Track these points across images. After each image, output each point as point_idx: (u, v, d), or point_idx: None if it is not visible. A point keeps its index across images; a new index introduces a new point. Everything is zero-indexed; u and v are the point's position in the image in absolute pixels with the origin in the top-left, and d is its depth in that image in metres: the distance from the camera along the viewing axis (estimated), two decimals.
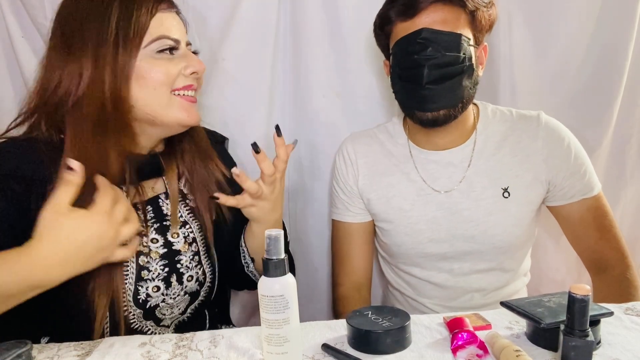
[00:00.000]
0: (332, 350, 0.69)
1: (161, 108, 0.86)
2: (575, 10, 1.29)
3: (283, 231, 0.65)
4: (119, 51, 0.82)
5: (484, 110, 1.14)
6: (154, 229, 0.90)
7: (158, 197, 0.94)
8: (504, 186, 1.08)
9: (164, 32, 0.85)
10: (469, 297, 1.12)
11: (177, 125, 0.89)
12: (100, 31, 0.82)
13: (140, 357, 0.70)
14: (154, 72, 0.84)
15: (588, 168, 1.10)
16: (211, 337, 0.75)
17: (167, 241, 0.91)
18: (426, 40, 0.97)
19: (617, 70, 1.30)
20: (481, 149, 1.10)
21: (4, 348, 0.64)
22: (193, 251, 0.94)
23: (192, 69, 0.88)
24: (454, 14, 0.99)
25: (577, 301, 0.60)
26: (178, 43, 0.87)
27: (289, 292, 0.63)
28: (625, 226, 1.42)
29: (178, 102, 0.87)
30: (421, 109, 1.01)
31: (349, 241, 1.19)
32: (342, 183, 1.19)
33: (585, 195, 1.08)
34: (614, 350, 0.67)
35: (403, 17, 1.00)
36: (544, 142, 1.08)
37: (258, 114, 1.33)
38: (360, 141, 1.19)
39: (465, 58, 0.99)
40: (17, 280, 0.68)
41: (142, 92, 0.84)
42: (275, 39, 1.30)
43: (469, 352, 0.66)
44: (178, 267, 0.91)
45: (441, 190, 1.10)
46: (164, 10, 0.87)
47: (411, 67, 0.99)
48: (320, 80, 1.33)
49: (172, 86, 0.86)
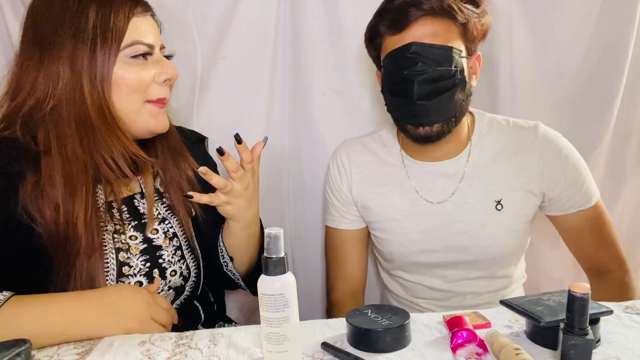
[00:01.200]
0: (332, 349, 0.69)
1: (132, 113, 0.87)
2: (575, 10, 1.29)
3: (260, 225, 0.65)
4: (96, 56, 0.82)
5: (480, 120, 1.12)
6: (131, 226, 0.90)
7: (133, 197, 0.94)
8: (497, 198, 1.07)
9: (138, 37, 0.85)
10: (461, 299, 1.13)
11: (145, 131, 0.90)
12: (76, 35, 0.81)
13: (140, 356, 0.70)
14: (127, 79, 0.84)
15: (586, 179, 1.08)
16: (211, 335, 0.75)
17: (146, 238, 0.91)
18: (416, 55, 0.95)
19: (617, 70, 1.30)
20: (475, 161, 1.08)
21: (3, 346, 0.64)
22: (175, 246, 0.94)
23: (165, 76, 0.88)
24: (444, 27, 0.96)
25: (576, 299, 0.59)
26: (152, 48, 0.87)
27: (288, 291, 0.63)
28: (625, 225, 1.43)
29: (148, 109, 0.88)
30: (413, 123, 1.00)
31: (344, 248, 1.19)
32: (336, 191, 1.18)
33: (583, 207, 1.07)
34: (614, 349, 0.67)
35: (392, 31, 0.99)
36: (541, 155, 1.06)
37: (258, 113, 1.33)
38: (354, 149, 1.18)
39: (457, 71, 0.97)
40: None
41: (114, 96, 0.85)
42: (275, 37, 1.30)
43: (469, 350, 0.66)
44: (160, 262, 0.91)
45: (434, 201, 1.09)
46: (140, 14, 0.86)
47: (401, 82, 0.97)
48: (320, 78, 1.33)
49: (145, 94, 0.87)
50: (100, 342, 0.75)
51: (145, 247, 0.90)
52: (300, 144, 1.38)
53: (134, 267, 0.88)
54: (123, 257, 0.87)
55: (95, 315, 0.76)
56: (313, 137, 1.36)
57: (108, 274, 0.85)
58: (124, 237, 0.89)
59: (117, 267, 0.86)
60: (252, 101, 1.32)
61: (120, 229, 0.88)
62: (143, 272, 0.89)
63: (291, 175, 1.40)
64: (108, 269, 0.85)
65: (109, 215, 0.88)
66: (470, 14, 0.98)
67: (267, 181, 1.36)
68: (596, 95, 1.33)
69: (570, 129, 1.34)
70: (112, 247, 0.87)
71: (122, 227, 0.89)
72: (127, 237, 0.89)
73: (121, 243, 0.88)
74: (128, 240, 0.89)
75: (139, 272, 0.89)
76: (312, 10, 1.29)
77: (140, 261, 0.89)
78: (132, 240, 0.90)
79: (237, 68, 1.30)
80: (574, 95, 1.34)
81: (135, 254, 0.89)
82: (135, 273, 0.88)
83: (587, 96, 1.33)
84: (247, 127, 1.33)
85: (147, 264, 0.90)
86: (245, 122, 1.33)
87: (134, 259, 0.88)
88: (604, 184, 1.41)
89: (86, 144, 0.83)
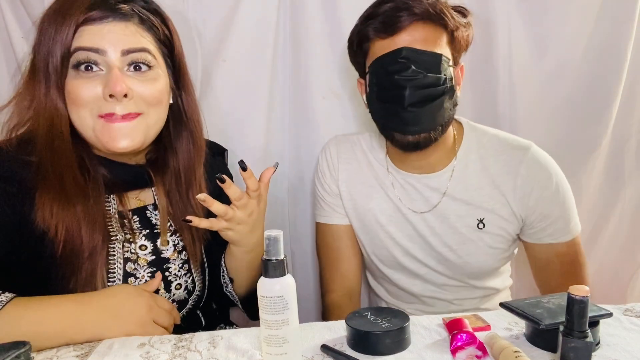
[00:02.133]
0: (331, 351, 0.69)
1: (84, 128, 0.81)
2: (574, 10, 1.29)
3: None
4: (49, 69, 0.79)
5: (469, 133, 1.09)
6: (143, 235, 0.90)
7: (146, 208, 0.92)
8: (479, 217, 1.05)
9: (79, 44, 0.78)
10: (446, 305, 1.13)
11: (104, 149, 0.83)
12: (36, 51, 0.80)
13: (140, 358, 0.70)
14: (72, 93, 0.79)
15: (568, 213, 1.05)
16: (210, 337, 0.75)
17: (156, 249, 0.90)
18: (407, 60, 0.93)
19: (616, 70, 1.31)
20: (459, 178, 1.06)
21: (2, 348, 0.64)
22: (183, 259, 0.93)
23: (108, 91, 0.78)
24: (434, 33, 0.96)
25: (576, 302, 0.60)
26: (100, 53, 0.79)
27: (288, 293, 0.63)
28: (624, 226, 1.43)
29: (100, 125, 0.80)
30: (402, 131, 0.98)
31: (338, 245, 1.17)
32: (326, 185, 1.17)
33: (556, 240, 1.05)
34: (613, 352, 0.67)
35: (382, 35, 0.97)
36: (523, 180, 1.03)
37: (258, 115, 1.33)
38: (344, 146, 1.17)
39: (447, 79, 0.96)
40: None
41: (70, 111, 0.81)
42: (275, 39, 1.30)
43: (468, 353, 0.66)
44: (166, 275, 0.91)
45: (418, 210, 1.08)
46: (94, 22, 0.79)
47: (392, 87, 0.95)
48: (319, 81, 1.33)
49: (95, 109, 0.80)
50: (100, 344, 0.74)
51: (153, 259, 0.90)
52: (300, 146, 1.38)
53: (139, 278, 0.88)
54: (130, 268, 0.87)
55: (95, 318, 0.75)
56: (313, 139, 1.36)
57: (113, 284, 0.85)
58: (133, 247, 0.88)
59: (122, 277, 0.86)
60: (252, 103, 1.32)
61: (130, 237, 0.88)
62: None
63: (291, 177, 1.40)
64: (114, 279, 0.85)
65: (119, 224, 0.87)
66: (460, 22, 0.98)
67: None
68: (595, 97, 1.33)
69: (569, 131, 1.35)
70: (120, 257, 0.86)
71: (133, 236, 0.88)
72: (137, 247, 0.89)
73: (130, 253, 0.87)
74: (137, 250, 0.88)
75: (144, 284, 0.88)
76: (312, 12, 1.29)
77: (146, 273, 0.88)
78: (141, 250, 0.89)
79: (237, 70, 1.30)
80: (573, 97, 1.34)
81: (142, 265, 0.88)
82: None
83: (586, 99, 1.33)
84: (247, 129, 1.33)
85: (153, 276, 0.89)
86: (245, 124, 1.33)
87: (140, 270, 0.88)
88: (602, 187, 1.41)
89: (56, 158, 0.81)
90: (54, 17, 0.79)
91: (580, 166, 1.37)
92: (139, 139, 0.83)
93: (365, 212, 1.12)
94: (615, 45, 1.29)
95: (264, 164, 1.35)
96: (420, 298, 1.14)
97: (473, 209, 1.06)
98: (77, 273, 0.81)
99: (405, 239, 1.10)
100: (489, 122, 1.21)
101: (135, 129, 0.82)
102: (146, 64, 0.82)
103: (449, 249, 1.07)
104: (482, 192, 1.05)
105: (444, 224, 1.07)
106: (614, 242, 1.44)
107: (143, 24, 0.83)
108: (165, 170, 0.93)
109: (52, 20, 0.79)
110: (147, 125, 0.84)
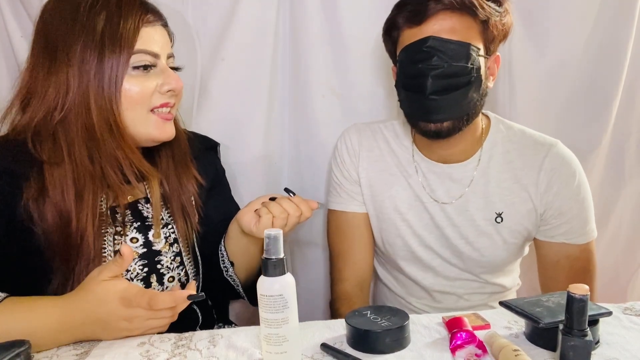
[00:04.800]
0: (331, 350, 0.69)
1: (135, 125, 0.85)
2: (574, 10, 1.29)
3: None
4: (104, 65, 0.80)
5: (496, 126, 1.09)
6: (134, 227, 0.90)
7: (137, 202, 0.93)
8: (498, 211, 1.06)
9: (142, 47, 0.83)
10: (455, 300, 1.13)
11: (149, 141, 0.89)
12: (85, 43, 0.80)
13: (139, 357, 0.70)
14: (129, 90, 0.83)
15: (584, 214, 1.05)
16: (210, 336, 0.75)
17: (148, 241, 0.91)
18: (432, 49, 0.93)
19: (615, 70, 1.30)
20: (483, 170, 1.06)
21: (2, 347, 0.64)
22: (174, 252, 0.94)
23: (168, 86, 0.86)
24: (464, 23, 0.95)
25: (575, 301, 0.60)
26: (157, 57, 0.85)
27: (288, 292, 0.63)
28: (624, 225, 1.43)
29: (154, 120, 0.87)
30: (425, 119, 0.98)
31: (353, 233, 1.16)
32: (345, 172, 1.16)
33: (569, 241, 1.04)
34: (613, 350, 0.67)
35: (410, 24, 0.97)
36: (546, 175, 1.03)
37: (257, 114, 1.33)
38: (365, 134, 1.17)
39: (474, 69, 0.95)
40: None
41: (120, 107, 0.83)
42: (274, 39, 1.30)
43: (468, 351, 0.66)
44: (158, 267, 0.91)
45: (439, 200, 1.08)
46: (149, 24, 0.85)
47: (415, 76, 0.96)
48: (319, 80, 1.33)
49: (149, 104, 0.85)
50: (100, 342, 0.75)
51: (144, 252, 0.90)
52: (300, 146, 1.38)
53: (131, 271, 0.88)
54: None
55: (81, 324, 0.73)
56: (312, 139, 1.36)
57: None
58: (124, 240, 0.88)
59: None
60: (251, 102, 1.32)
61: (121, 230, 0.88)
62: (140, 277, 0.89)
63: (290, 176, 1.40)
64: None
65: (111, 220, 0.87)
66: (492, 11, 0.96)
67: (266, 183, 1.37)
68: (595, 96, 1.33)
69: (569, 130, 1.35)
70: (111, 251, 0.86)
71: (123, 229, 0.89)
72: (129, 240, 0.89)
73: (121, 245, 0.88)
74: (129, 243, 0.89)
75: (136, 276, 0.89)
76: (311, 11, 1.29)
77: (138, 266, 0.89)
78: (132, 243, 0.89)
79: (237, 69, 1.30)
80: (573, 96, 1.34)
81: (133, 258, 0.88)
82: (132, 277, 0.88)
83: (586, 97, 1.33)
84: (246, 128, 1.33)
85: (144, 268, 0.89)
86: (244, 123, 1.33)
87: (132, 263, 0.88)
88: (602, 186, 1.41)
89: (93, 154, 0.82)
90: (101, 11, 0.81)
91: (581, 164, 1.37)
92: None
93: (384, 199, 1.12)
94: (615, 45, 1.29)
95: (263, 163, 1.35)
96: (430, 292, 1.14)
97: (493, 203, 1.06)
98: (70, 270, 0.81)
99: (422, 228, 1.10)
100: None
101: (172, 120, 0.92)
102: (174, 67, 0.91)
103: (465, 241, 1.07)
104: (504, 185, 1.06)
105: (463, 216, 1.07)
106: (614, 241, 1.44)
107: (168, 28, 0.92)
108: (158, 161, 0.95)
109: (100, 13, 0.81)
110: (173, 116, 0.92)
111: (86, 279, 0.75)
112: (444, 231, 1.08)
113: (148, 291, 0.73)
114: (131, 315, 0.72)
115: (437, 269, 1.11)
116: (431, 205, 1.09)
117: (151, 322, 0.74)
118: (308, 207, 0.90)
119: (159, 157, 0.95)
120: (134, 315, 0.73)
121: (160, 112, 0.87)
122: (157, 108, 0.87)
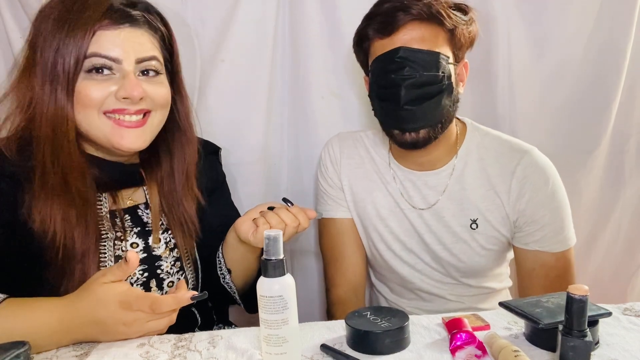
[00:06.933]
0: (331, 351, 0.69)
1: (92, 128, 0.82)
2: (574, 11, 1.29)
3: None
4: (57, 71, 0.79)
5: (471, 133, 1.09)
6: (134, 232, 0.90)
7: (137, 207, 0.93)
8: (473, 217, 1.06)
9: (96, 50, 0.80)
10: (444, 302, 1.13)
11: (114, 148, 0.84)
12: (43, 52, 0.80)
13: (139, 358, 0.70)
14: (79, 92, 0.80)
15: (558, 221, 1.03)
16: (210, 337, 0.75)
17: (148, 246, 0.91)
18: (403, 60, 0.95)
19: (615, 71, 1.31)
20: (458, 177, 1.07)
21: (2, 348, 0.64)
22: (175, 257, 0.93)
23: (123, 92, 0.81)
24: (432, 32, 0.96)
25: (575, 301, 0.60)
26: (116, 62, 0.81)
27: (287, 293, 0.63)
28: (624, 225, 1.43)
29: (109, 125, 0.82)
30: (400, 128, 0.99)
31: (343, 239, 1.17)
32: (329, 179, 1.18)
33: (542, 248, 1.04)
34: (612, 351, 0.67)
35: (381, 35, 0.98)
36: (518, 182, 1.03)
37: (257, 115, 1.33)
38: (346, 143, 1.19)
39: (444, 77, 0.97)
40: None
41: (75, 111, 0.81)
42: (274, 40, 1.30)
43: (468, 352, 0.66)
44: (158, 272, 0.91)
45: (416, 207, 1.10)
46: (108, 27, 0.81)
47: (388, 86, 0.97)
48: (318, 81, 1.33)
49: (99, 107, 0.81)
50: (99, 344, 0.74)
51: (144, 257, 0.90)
52: (299, 147, 1.38)
53: (131, 276, 0.88)
54: None
55: (80, 325, 0.73)
56: (312, 140, 1.36)
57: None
58: (124, 245, 0.88)
59: None
60: (250, 103, 1.32)
61: (121, 235, 0.88)
62: (140, 282, 0.89)
63: (290, 177, 1.40)
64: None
65: (110, 224, 0.87)
66: (459, 20, 0.98)
67: (265, 183, 1.37)
68: (594, 97, 1.33)
69: (569, 131, 1.35)
70: (111, 255, 0.86)
71: (124, 234, 0.88)
72: (129, 245, 0.89)
73: (121, 251, 0.87)
74: (129, 248, 0.88)
75: (135, 281, 0.89)
76: (311, 13, 1.29)
77: (137, 271, 0.89)
78: (132, 248, 0.89)
79: (236, 71, 1.30)
80: (572, 97, 1.34)
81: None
82: (132, 282, 0.88)
83: (586, 99, 1.33)
84: (246, 129, 1.33)
85: (144, 274, 0.89)
86: (244, 124, 1.33)
87: None
88: (602, 187, 1.41)
89: (54, 160, 0.81)
90: (65, 19, 0.80)
91: (580, 166, 1.37)
92: (148, 139, 0.87)
93: (366, 205, 1.13)
94: (615, 45, 1.29)
95: (262, 164, 1.35)
96: (419, 294, 1.15)
97: (467, 209, 1.06)
98: (69, 274, 0.81)
99: (403, 234, 1.11)
100: (489, 122, 1.21)
101: (144, 130, 0.85)
102: (154, 71, 0.86)
103: (443, 247, 1.08)
104: (478, 192, 1.06)
105: (440, 222, 1.08)
106: (614, 242, 1.44)
107: (152, 31, 0.87)
108: (158, 170, 0.94)
109: (62, 21, 0.80)
110: (152, 126, 0.87)
111: (88, 281, 0.75)
112: (423, 237, 1.10)
113: (149, 295, 0.73)
114: (130, 319, 0.72)
115: (423, 271, 1.12)
116: (409, 212, 1.10)
117: (150, 325, 0.74)
118: (306, 218, 0.89)
119: (159, 167, 0.94)
120: (133, 319, 0.72)
121: (114, 118, 0.83)
122: (110, 113, 0.82)
